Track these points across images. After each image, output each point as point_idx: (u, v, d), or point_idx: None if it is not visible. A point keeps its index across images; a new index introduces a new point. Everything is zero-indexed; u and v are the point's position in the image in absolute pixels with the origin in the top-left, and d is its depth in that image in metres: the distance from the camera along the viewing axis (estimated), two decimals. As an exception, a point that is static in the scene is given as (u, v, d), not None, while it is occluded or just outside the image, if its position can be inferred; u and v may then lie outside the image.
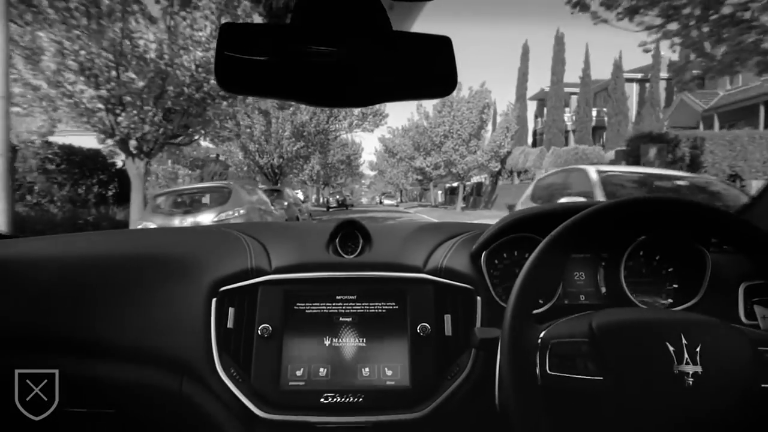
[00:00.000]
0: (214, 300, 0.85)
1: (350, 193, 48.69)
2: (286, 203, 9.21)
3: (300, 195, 41.33)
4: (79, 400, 0.88)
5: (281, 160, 18.22)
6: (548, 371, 0.59)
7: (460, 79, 0.59)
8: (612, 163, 13.37)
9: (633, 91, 26.89)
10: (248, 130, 17.09)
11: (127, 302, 0.88)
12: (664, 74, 25.05)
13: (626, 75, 25.71)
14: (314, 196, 39.16)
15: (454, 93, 20.97)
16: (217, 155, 19.27)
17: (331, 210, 26.63)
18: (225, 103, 8.06)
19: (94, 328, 0.86)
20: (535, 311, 0.87)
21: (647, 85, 26.56)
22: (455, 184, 37.88)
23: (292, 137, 17.76)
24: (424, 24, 0.70)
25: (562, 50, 26.49)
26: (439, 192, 38.51)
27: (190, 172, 20.96)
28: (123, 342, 0.86)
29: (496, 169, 21.66)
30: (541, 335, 0.62)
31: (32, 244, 1.05)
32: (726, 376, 0.56)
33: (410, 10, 0.70)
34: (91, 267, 0.93)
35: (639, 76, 26.99)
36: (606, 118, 25.94)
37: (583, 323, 0.61)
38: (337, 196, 29.99)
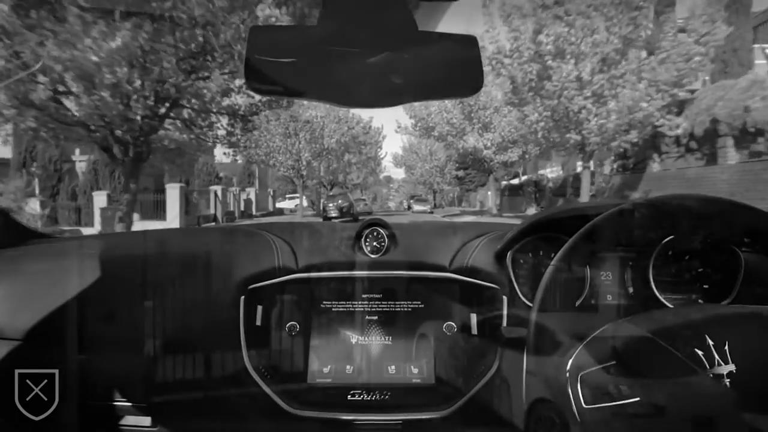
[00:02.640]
0: (243, 298, 0.90)
1: (372, 198, 38.15)
2: None
3: (305, 201, 30.96)
4: (111, 392, 0.91)
5: (144, 101, 5.94)
6: (584, 405, 0.60)
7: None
8: None
9: None
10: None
11: (163, 298, 0.91)
12: None
13: None
14: (312, 203, 27.98)
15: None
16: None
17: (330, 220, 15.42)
18: None
19: (129, 323, 0.90)
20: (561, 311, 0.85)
21: None
22: (515, 181, 25.96)
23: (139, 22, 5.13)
24: (449, 22, 0.67)
25: None
26: (489, 193, 26.61)
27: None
28: (155, 336, 0.89)
29: (673, 133, 9.42)
30: (568, 368, 0.62)
31: (75, 243, 1.10)
32: (761, 366, 0.55)
33: (436, 9, 0.70)
34: (130, 265, 0.97)
35: None
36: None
37: (606, 344, 0.61)
38: (339, 201, 18.65)
